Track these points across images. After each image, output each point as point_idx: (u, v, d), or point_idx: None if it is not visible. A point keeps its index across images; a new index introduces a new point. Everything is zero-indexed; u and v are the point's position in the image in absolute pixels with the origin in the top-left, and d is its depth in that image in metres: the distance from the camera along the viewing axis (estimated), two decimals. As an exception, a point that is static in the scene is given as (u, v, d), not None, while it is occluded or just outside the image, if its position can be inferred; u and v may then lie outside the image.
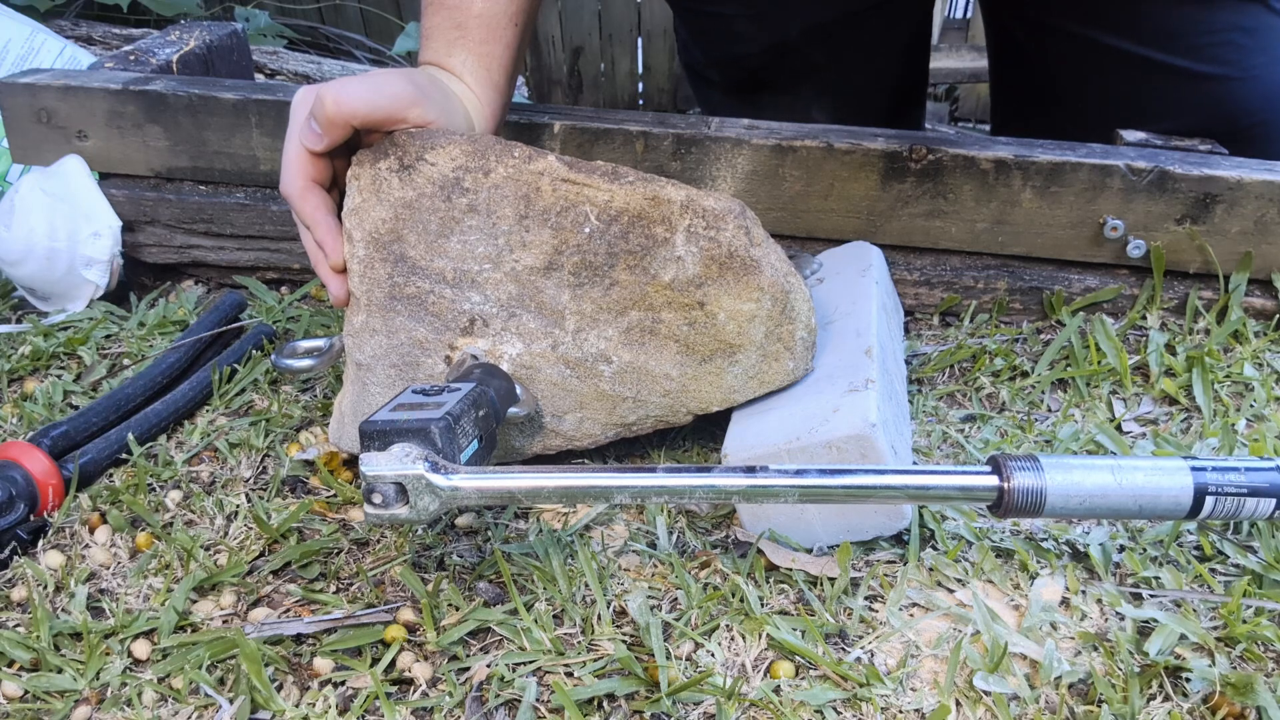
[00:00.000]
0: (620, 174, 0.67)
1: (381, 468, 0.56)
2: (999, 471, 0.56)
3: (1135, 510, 0.56)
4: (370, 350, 0.71)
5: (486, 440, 0.62)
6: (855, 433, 0.61)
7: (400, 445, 0.56)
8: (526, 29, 0.79)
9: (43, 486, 0.70)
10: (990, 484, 0.56)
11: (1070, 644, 0.59)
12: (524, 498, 0.57)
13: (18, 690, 0.58)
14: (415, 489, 0.56)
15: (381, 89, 0.68)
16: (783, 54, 1.18)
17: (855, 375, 0.66)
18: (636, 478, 0.57)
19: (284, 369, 0.74)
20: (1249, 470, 0.56)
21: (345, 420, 0.73)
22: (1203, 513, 0.56)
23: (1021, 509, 0.56)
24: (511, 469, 0.58)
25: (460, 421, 0.59)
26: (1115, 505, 0.56)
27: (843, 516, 0.65)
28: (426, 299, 0.70)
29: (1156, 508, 0.56)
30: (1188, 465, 0.56)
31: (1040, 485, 0.56)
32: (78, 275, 0.94)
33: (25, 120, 0.98)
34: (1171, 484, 0.56)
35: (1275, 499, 0.56)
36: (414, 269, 0.69)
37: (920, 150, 0.87)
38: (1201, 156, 0.88)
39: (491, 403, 0.64)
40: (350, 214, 0.70)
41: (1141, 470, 0.56)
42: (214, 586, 0.65)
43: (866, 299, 0.75)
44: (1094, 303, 0.90)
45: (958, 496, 0.57)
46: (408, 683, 0.59)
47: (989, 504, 0.57)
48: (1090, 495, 0.55)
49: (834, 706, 0.56)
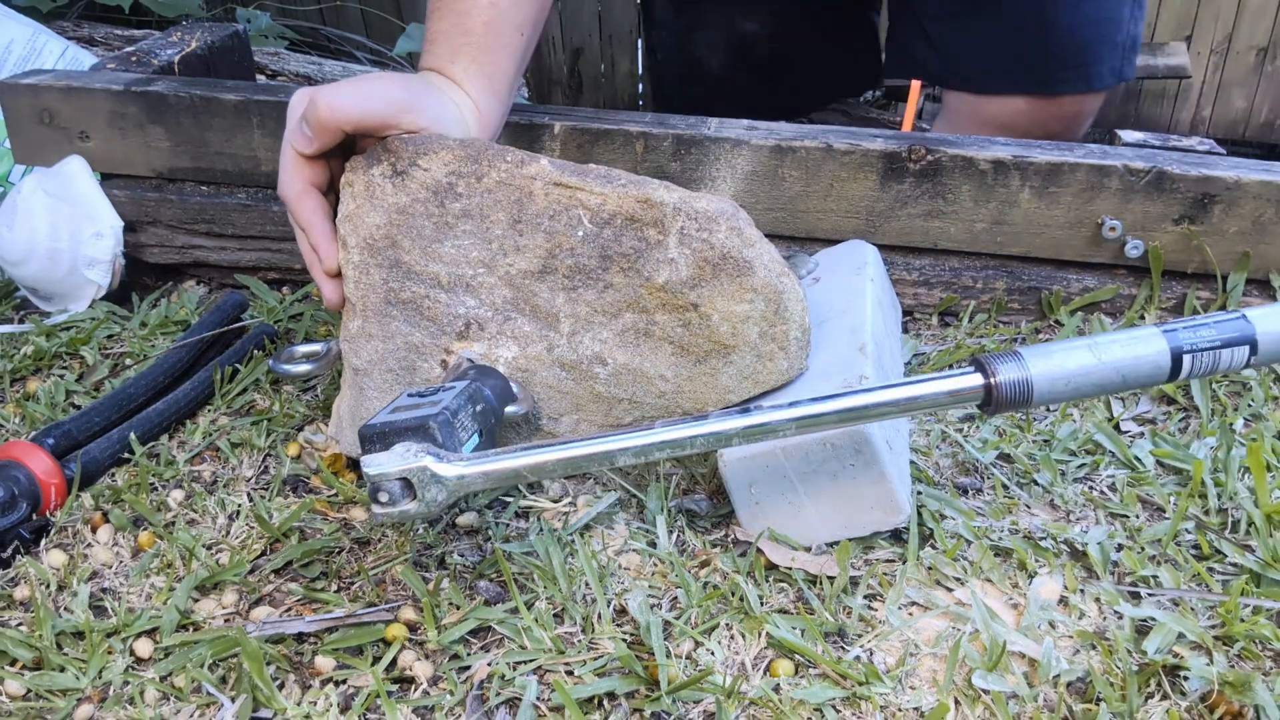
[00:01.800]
0: (613, 177, 0.67)
1: (385, 466, 0.56)
2: (983, 370, 0.56)
3: (1120, 383, 0.56)
4: (367, 355, 0.71)
5: (486, 435, 0.63)
6: (851, 429, 0.61)
7: (402, 444, 0.57)
8: (533, 38, 0.78)
9: (45, 486, 0.70)
10: (977, 383, 0.56)
11: (1069, 643, 0.60)
12: (530, 474, 0.58)
13: (20, 689, 0.58)
14: (421, 482, 0.56)
15: (375, 94, 0.68)
16: None
17: (849, 372, 0.66)
18: (636, 436, 0.57)
19: (282, 374, 0.75)
20: (1218, 323, 0.56)
21: (344, 424, 0.74)
22: (1183, 372, 0.56)
23: (1012, 402, 0.56)
24: (512, 448, 0.58)
25: (458, 416, 0.59)
26: (1100, 381, 0.56)
27: (840, 513, 0.65)
28: (422, 304, 0.70)
29: (1139, 376, 0.56)
30: (1160, 330, 0.56)
31: (1025, 376, 0.56)
32: (80, 275, 0.95)
33: (27, 121, 0.98)
34: (1149, 350, 0.56)
35: (1248, 344, 0.56)
36: (409, 274, 0.70)
37: (919, 150, 0.87)
38: (1199, 157, 0.88)
39: (488, 399, 0.64)
40: (344, 220, 0.70)
41: (1118, 343, 0.56)
42: (216, 585, 0.66)
43: (861, 296, 0.75)
44: (1092, 303, 0.90)
45: (947, 401, 0.57)
46: (409, 681, 0.59)
47: (979, 403, 0.57)
48: (1074, 376, 0.56)
49: (833, 705, 0.56)
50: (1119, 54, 1.08)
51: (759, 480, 0.65)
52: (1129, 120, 3.02)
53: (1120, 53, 1.08)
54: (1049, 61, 1.07)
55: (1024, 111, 1.10)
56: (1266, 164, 0.87)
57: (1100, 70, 1.08)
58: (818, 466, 0.63)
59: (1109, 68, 1.08)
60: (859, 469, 0.63)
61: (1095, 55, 1.07)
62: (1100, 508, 0.70)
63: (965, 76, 1.15)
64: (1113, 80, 1.09)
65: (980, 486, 0.73)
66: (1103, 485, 0.73)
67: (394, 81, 0.70)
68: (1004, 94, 1.10)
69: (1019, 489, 0.72)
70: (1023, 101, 1.10)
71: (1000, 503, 0.71)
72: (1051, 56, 1.07)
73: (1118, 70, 1.09)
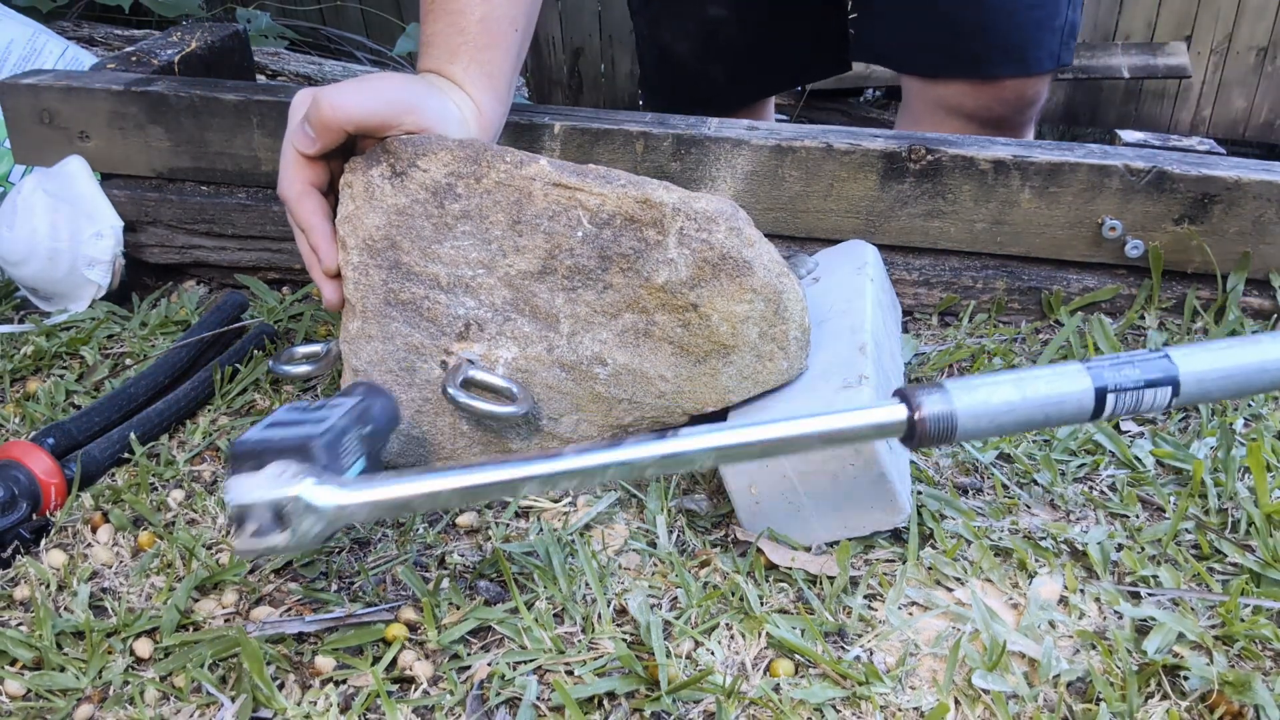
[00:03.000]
0: (612, 177, 0.67)
1: (253, 493, 0.50)
2: (907, 402, 0.54)
3: (1043, 419, 0.55)
4: (366, 356, 0.71)
5: (372, 461, 0.57)
6: None
7: (276, 464, 0.51)
8: (527, 32, 0.79)
9: (45, 486, 0.70)
10: (900, 417, 0.54)
11: (1069, 642, 0.60)
12: (421, 505, 0.52)
13: (20, 689, 0.58)
14: (294, 511, 0.50)
15: (378, 94, 0.68)
16: None
17: (849, 372, 0.66)
18: (542, 465, 0.52)
19: (282, 375, 0.74)
20: (1142, 362, 0.56)
21: None
22: (1105, 411, 0.55)
23: (935, 437, 0.54)
24: (403, 473, 0.53)
25: (344, 438, 0.53)
26: (1023, 418, 0.55)
27: (840, 513, 0.65)
28: (421, 304, 0.70)
29: (1063, 414, 0.55)
30: (1084, 366, 0.56)
31: (950, 410, 0.54)
32: (80, 275, 0.95)
33: (27, 121, 0.98)
34: (1073, 388, 0.55)
35: (1171, 385, 0.55)
36: (408, 275, 0.70)
37: (919, 150, 0.87)
38: (1199, 157, 0.88)
39: (377, 420, 0.59)
40: (344, 221, 0.70)
41: (1043, 379, 0.55)
42: (216, 585, 0.66)
43: (861, 296, 0.75)
44: (1092, 302, 0.90)
45: (871, 434, 0.55)
46: (409, 681, 0.59)
47: (901, 436, 0.55)
48: (999, 413, 0.54)
49: (833, 705, 0.56)
50: (1057, 39, 1.11)
51: (759, 480, 0.65)
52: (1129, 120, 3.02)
53: (1059, 38, 1.11)
54: (989, 47, 1.10)
55: (969, 94, 1.13)
56: (1267, 164, 0.87)
57: (1039, 55, 1.11)
58: (818, 467, 0.63)
59: (1047, 52, 1.11)
60: (859, 469, 0.63)
61: (1033, 40, 1.10)
62: (1100, 508, 0.70)
63: (914, 61, 1.18)
64: (1051, 64, 1.12)
65: (980, 486, 0.73)
66: (1103, 485, 0.73)
67: (396, 82, 0.70)
68: (948, 79, 1.13)
69: (1019, 489, 0.72)
70: (966, 85, 1.13)
71: (1000, 503, 0.71)
72: (991, 42, 1.10)
73: (1055, 55, 1.12)
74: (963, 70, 1.12)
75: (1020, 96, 1.13)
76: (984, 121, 1.13)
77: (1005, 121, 1.14)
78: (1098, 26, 2.92)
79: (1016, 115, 1.15)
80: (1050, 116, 3.03)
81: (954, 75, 1.13)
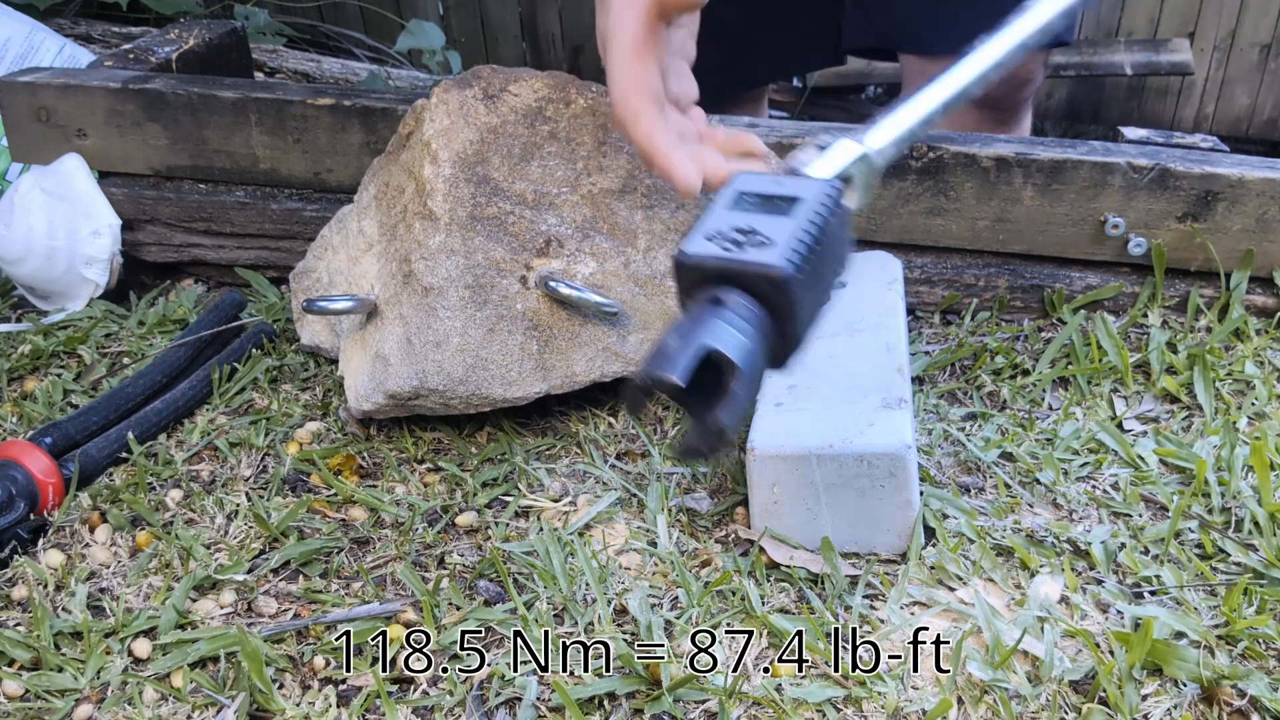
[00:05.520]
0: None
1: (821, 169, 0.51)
2: None
3: None
4: (444, 272, 0.72)
5: None
6: (890, 451, 0.62)
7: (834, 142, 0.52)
8: None
9: (43, 485, 0.70)
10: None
11: (1071, 641, 0.59)
12: (920, 131, 0.58)
13: (18, 689, 0.58)
14: (861, 174, 0.52)
15: None
16: None
17: (889, 392, 0.67)
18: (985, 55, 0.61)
19: (319, 311, 0.76)
20: None
21: (390, 362, 0.72)
22: None
23: None
24: (889, 109, 0.57)
25: None
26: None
27: (854, 529, 0.65)
28: (506, 220, 0.74)
29: None
30: None
31: None
32: (77, 274, 0.94)
33: (24, 119, 0.97)
34: None
35: None
36: (496, 190, 0.74)
37: (921, 148, 0.87)
38: (1202, 154, 0.87)
39: None
40: (439, 134, 0.74)
41: None
42: (214, 585, 0.65)
43: (894, 314, 0.76)
44: (1095, 300, 0.90)
45: None
46: (408, 681, 0.59)
47: None
48: None
49: (834, 704, 0.56)
50: None
51: (784, 481, 0.65)
52: (1132, 117, 3.01)
53: None
54: (983, 23, 1.11)
55: None
56: (1270, 161, 0.86)
57: None
58: (848, 481, 0.63)
59: None
60: (888, 491, 0.63)
61: None
62: (1103, 507, 0.70)
63: (913, 39, 1.19)
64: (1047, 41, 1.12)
65: (982, 485, 0.72)
66: (1105, 484, 0.72)
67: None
68: (945, 55, 1.13)
69: (1021, 488, 0.72)
70: None
71: (1003, 502, 0.70)
72: (985, 18, 1.10)
73: None
74: (958, 46, 1.13)
75: (1015, 75, 1.13)
76: (981, 101, 1.14)
77: (1003, 101, 1.15)
78: (1100, 23, 2.92)
79: (1015, 94, 1.16)
80: (1053, 114, 3.03)
81: (950, 51, 1.13)
